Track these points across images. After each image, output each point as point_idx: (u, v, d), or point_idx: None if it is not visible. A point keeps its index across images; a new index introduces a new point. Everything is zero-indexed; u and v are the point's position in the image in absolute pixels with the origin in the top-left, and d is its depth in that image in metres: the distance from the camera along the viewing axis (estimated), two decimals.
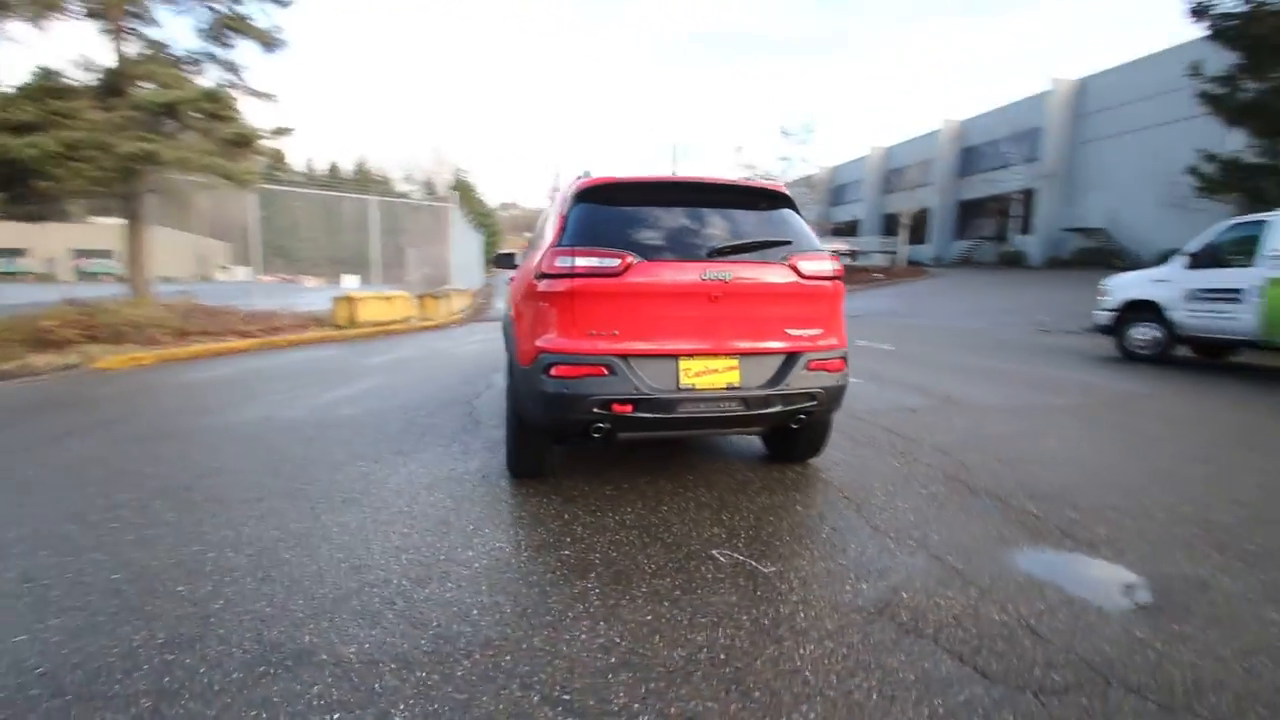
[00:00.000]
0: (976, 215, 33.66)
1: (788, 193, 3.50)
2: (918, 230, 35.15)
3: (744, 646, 2.10)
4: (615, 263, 2.96)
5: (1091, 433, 4.92)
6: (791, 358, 3.18)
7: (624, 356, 2.98)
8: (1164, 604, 2.40)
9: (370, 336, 11.17)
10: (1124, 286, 9.49)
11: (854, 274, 27.05)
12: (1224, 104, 13.68)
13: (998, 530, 3.05)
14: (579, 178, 3.72)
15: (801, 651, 2.08)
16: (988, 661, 2.04)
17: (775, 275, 3.16)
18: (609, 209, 3.19)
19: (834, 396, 3.28)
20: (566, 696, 1.84)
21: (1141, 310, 9.09)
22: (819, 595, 2.44)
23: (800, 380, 3.16)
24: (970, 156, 33.90)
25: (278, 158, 12.36)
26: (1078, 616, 2.31)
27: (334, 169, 72.62)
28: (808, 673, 1.97)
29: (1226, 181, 13.25)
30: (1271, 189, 11.98)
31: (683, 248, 3.10)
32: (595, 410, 2.96)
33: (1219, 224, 8.54)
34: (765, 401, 3.11)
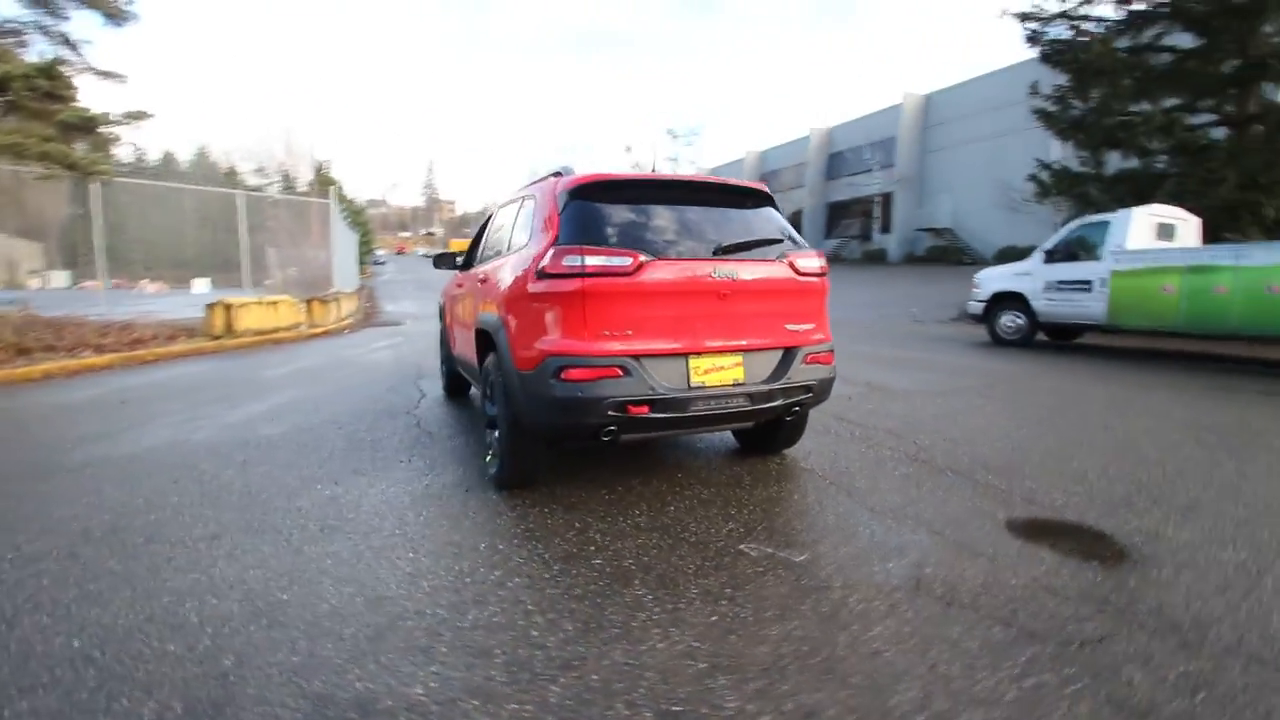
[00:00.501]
0: (843, 216, 36.36)
1: (769, 192, 3.59)
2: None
3: (818, 635, 2.14)
4: (628, 261, 2.90)
5: (1005, 409, 5.49)
6: (789, 352, 3.28)
7: (637, 357, 2.92)
8: (1137, 555, 2.74)
9: (254, 346, 10.11)
10: (992, 279, 10.66)
11: None
12: (1055, 120, 15.70)
13: (975, 503, 3.32)
14: (559, 174, 3.61)
15: (872, 633, 2.15)
16: (1029, 622, 2.22)
17: (776, 272, 3.24)
18: (605, 206, 3.11)
19: (826, 388, 3.42)
20: (678, 708, 1.78)
21: (1008, 300, 10.26)
22: (857, 579, 2.54)
23: (799, 374, 3.27)
24: (837, 161, 36.54)
25: (101, 145, 10.79)
26: (1077, 573, 2.57)
27: (168, 158, 64.63)
28: (889, 653, 2.04)
29: (1059, 187, 15.22)
30: (1096, 194, 13.94)
31: (687, 246, 3.09)
32: (611, 413, 2.89)
33: (1070, 223, 9.84)
34: (768, 396, 3.18)
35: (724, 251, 3.14)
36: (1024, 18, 15.95)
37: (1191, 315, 7.99)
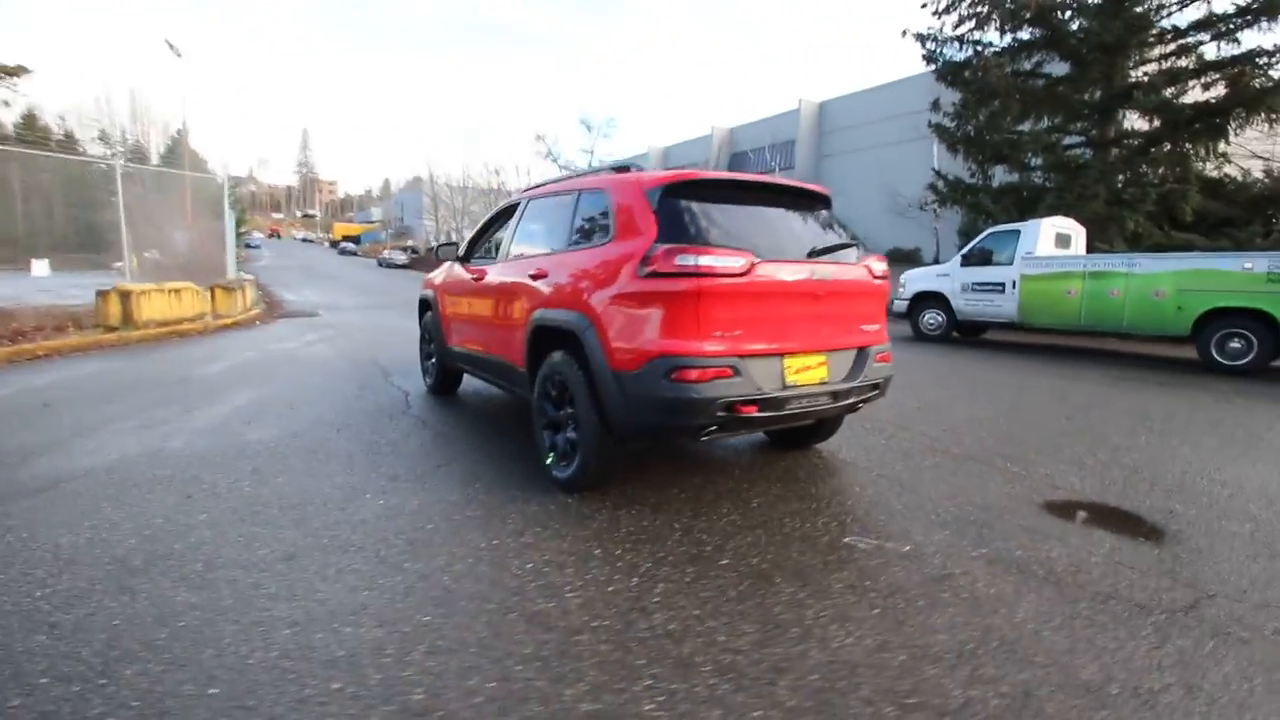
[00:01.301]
0: None
1: (829, 195, 3.73)
2: None
3: (977, 621, 2.28)
4: (741, 262, 2.90)
5: (973, 401, 6.02)
6: (863, 352, 3.43)
7: (743, 357, 2.95)
8: (1168, 531, 3.13)
9: (159, 340, 8.97)
10: (916, 280, 11.56)
11: None
12: (948, 134, 17.23)
13: (1010, 489, 3.65)
14: (623, 169, 3.55)
15: (1019, 616, 2.32)
16: (1131, 594, 2.50)
17: (858, 274, 3.37)
18: (699, 205, 3.10)
19: (887, 386, 3.61)
20: (912, 700, 1.85)
21: (930, 299, 11.18)
22: (967, 566, 2.72)
23: (871, 373, 3.43)
24: (739, 161, 37.79)
25: None
26: (1135, 549, 2.91)
27: None
28: (1047, 633, 2.22)
29: (953, 196, 16.73)
30: (986, 203, 15.46)
31: (781, 248, 3.14)
32: (720, 413, 2.89)
33: (986, 231, 10.86)
34: (847, 394, 3.32)
35: (817, 254, 3.23)
36: (922, 39, 17.38)
37: (1090, 315, 9.11)
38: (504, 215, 4.85)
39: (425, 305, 5.85)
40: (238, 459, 3.88)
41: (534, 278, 3.69)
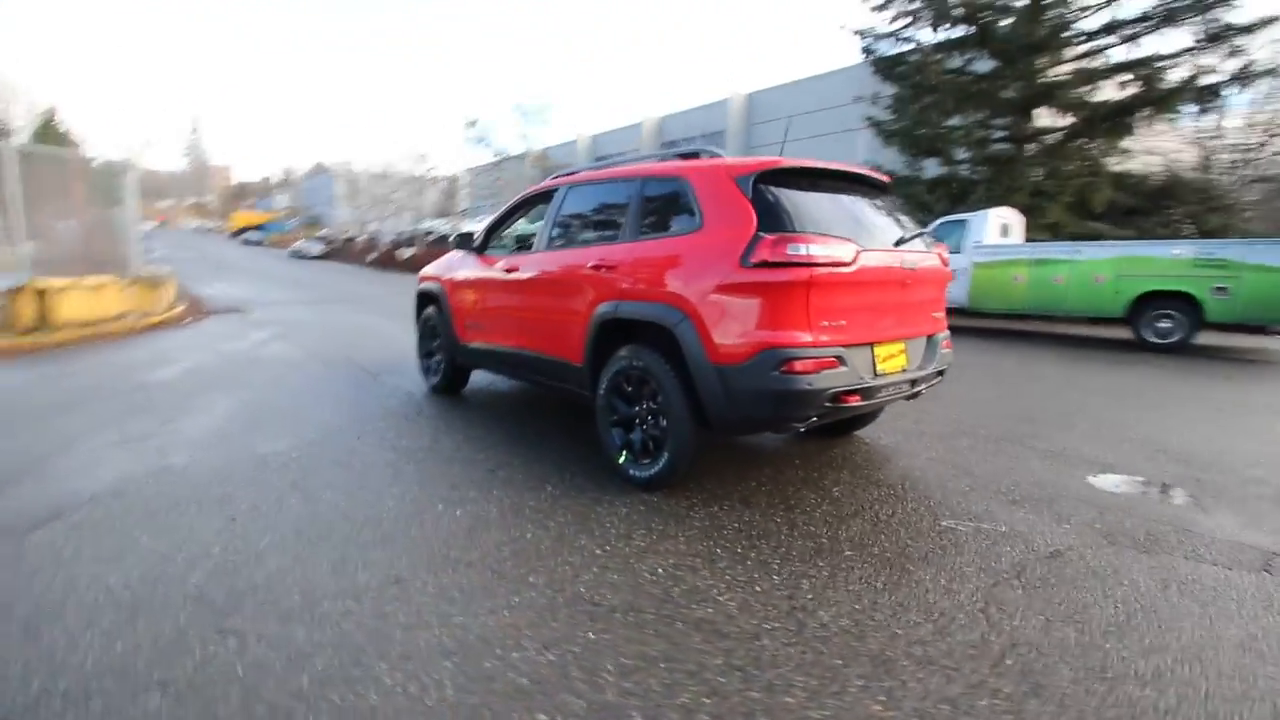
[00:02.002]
0: None
1: (891, 183, 3.77)
2: None
3: (1127, 593, 2.38)
4: (850, 252, 2.88)
5: (963, 382, 6.30)
6: (932, 339, 3.50)
7: (847, 346, 2.93)
8: (1210, 493, 3.39)
9: (84, 343, 8.00)
10: None
11: None
12: (881, 128, 17.96)
13: (1052, 465, 3.84)
14: (694, 155, 3.46)
15: (1144, 589, 2.45)
16: (1214, 555, 2.68)
17: (934, 262, 3.43)
18: (790, 193, 3.04)
19: (947, 371, 3.71)
20: (1110, 674, 1.90)
21: None
22: (1072, 541, 2.83)
23: (940, 359, 3.51)
24: (669, 150, 37.92)
25: None
26: (1191, 510, 3.13)
27: None
28: (1181, 599, 2.35)
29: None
30: (923, 194, 16.24)
31: (867, 236, 3.14)
32: (827, 404, 2.87)
33: (934, 221, 11.39)
34: (921, 380, 3.38)
35: (901, 242, 3.25)
36: (860, 34, 18.02)
37: (1036, 300, 9.77)
38: (530, 204, 4.62)
39: (427, 300, 5.50)
40: (265, 473, 3.51)
41: (597, 268, 3.52)
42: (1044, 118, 15.89)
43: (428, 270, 5.62)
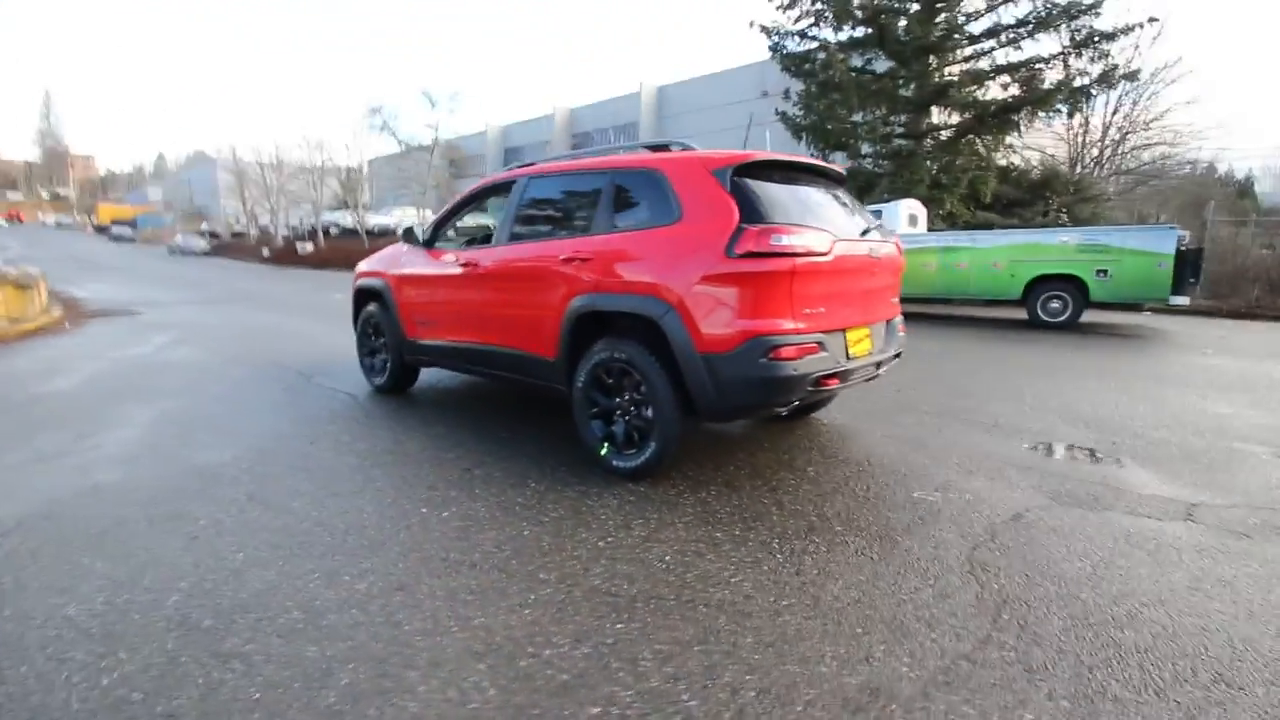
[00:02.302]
0: None
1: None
2: None
3: (1099, 549, 2.64)
4: (826, 241, 2.99)
5: (921, 369, 6.71)
6: (890, 323, 3.71)
7: (826, 332, 3.07)
8: (1116, 455, 3.82)
9: None
10: None
11: None
12: (790, 122, 18.66)
13: (996, 437, 4.18)
14: (665, 148, 3.49)
15: (1128, 538, 2.73)
16: (1165, 510, 3.03)
17: (892, 250, 3.62)
18: (766, 185, 3.12)
19: (901, 352, 3.94)
20: (1117, 624, 2.12)
21: None
22: (1027, 503, 3.10)
23: (896, 342, 3.73)
24: (583, 142, 37.70)
25: None
26: (1127, 473, 3.51)
27: None
28: (1209, 561, 2.64)
29: None
30: None
31: (842, 227, 3.28)
32: (809, 388, 3.00)
33: None
34: (883, 363, 3.58)
35: (866, 232, 3.42)
36: (767, 31, 18.58)
37: (945, 285, 10.52)
38: (481, 196, 4.49)
39: (367, 297, 5.23)
40: (215, 486, 3.24)
41: (569, 261, 3.48)
42: (938, 115, 17.08)
43: (366, 266, 5.34)
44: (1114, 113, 19.18)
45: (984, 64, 16.63)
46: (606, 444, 3.39)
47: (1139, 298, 9.22)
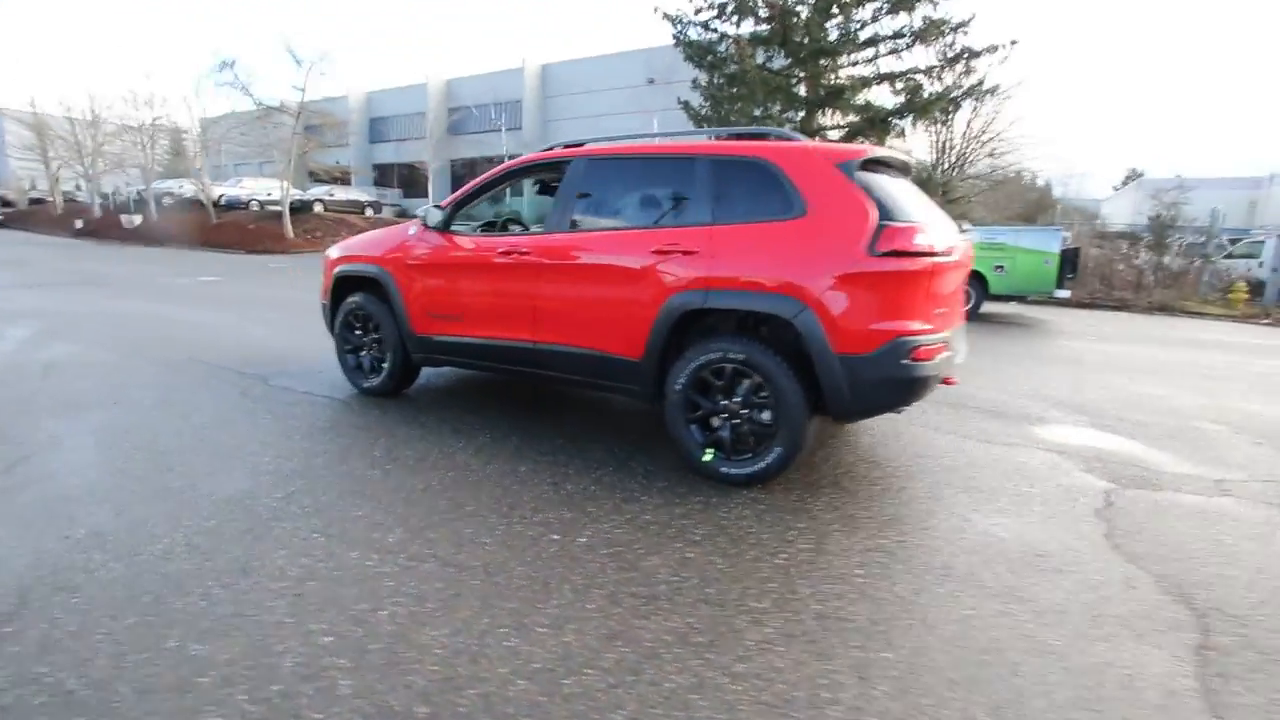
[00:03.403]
0: (472, 175, 36.02)
1: None
2: (414, 184, 35.49)
3: (1185, 528, 2.89)
4: (951, 239, 2.99)
5: None
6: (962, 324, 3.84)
7: (946, 332, 3.08)
8: (1109, 429, 4.27)
9: None
10: None
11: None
12: (693, 112, 18.94)
13: (1000, 422, 4.51)
14: (763, 136, 3.34)
15: (1187, 512, 3.01)
16: (1181, 488, 3.41)
17: (970, 249, 3.71)
18: (885, 181, 3.07)
19: None
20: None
21: None
22: (1095, 485, 3.36)
23: (965, 343, 3.86)
24: (461, 116, 35.72)
25: None
26: (1133, 448, 3.92)
27: None
28: (1209, 512, 2.93)
29: None
30: None
31: (942, 224, 3.29)
32: (935, 387, 3.01)
33: None
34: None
35: (964, 231, 3.47)
36: (671, 19, 18.64)
37: None
38: (515, 177, 4.04)
39: (353, 285, 4.52)
40: (265, 525, 2.62)
41: (663, 254, 3.21)
42: (828, 117, 18.12)
43: (349, 249, 4.63)
44: (969, 122, 21.46)
45: (868, 71, 17.86)
46: (711, 449, 3.19)
47: (1029, 290, 10.42)
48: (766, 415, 3.09)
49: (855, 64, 17.76)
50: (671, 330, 3.20)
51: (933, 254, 2.87)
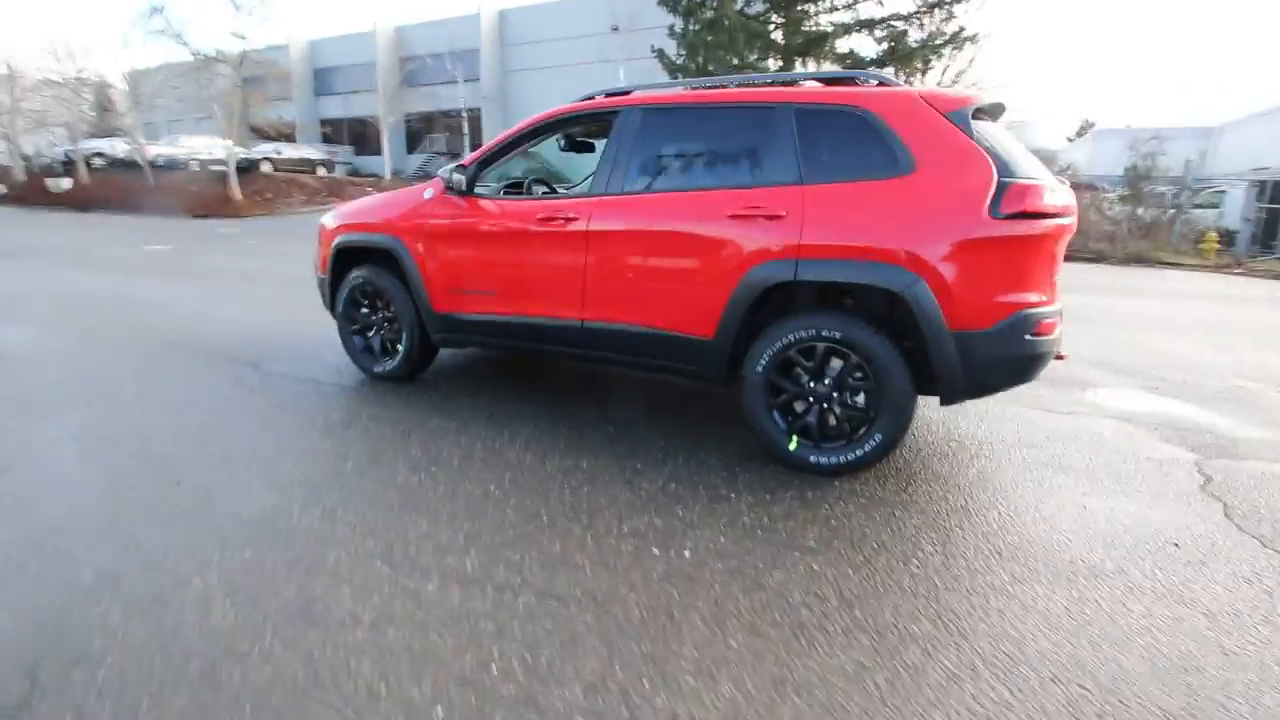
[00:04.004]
0: (429, 131, 34.33)
1: None
2: (366, 141, 33.68)
3: None
4: (1070, 197, 2.67)
5: None
6: None
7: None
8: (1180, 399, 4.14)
9: None
10: None
11: (342, 186, 24.27)
12: (667, 60, 18.13)
13: (1057, 389, 4.32)
14: (849, 80, 2.94)
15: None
16: (1266, 456, 3.28)
17: None
18: (994, 130, 2.72)
19: None
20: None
21: None
22: (1178, 455, 3.19)
23: None
24: (413, 67, 33.71)
25: None
26: (1188, 422, 3.79)
27: None
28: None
29: None
30: None
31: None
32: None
33: None
34: None
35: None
36: None
37: None
38: (549, 131, 3.56)
39: (359, 257, 4.01)
40: (318, 550, 2.22)
41: (743, 219, 2.82)
42: (806, 66, 17.54)
43: (348, 217, 4.09)
44: (944, 70, 21.10)
45: (848, 17, 17.25)
46: (795, 437, 2.88)
47: None
48: (861, 398, 2.79)
49: (834, 9, 17.13)
50: (752, 306, 2.84)
51: (1059, 214, 2.56)
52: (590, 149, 4.34)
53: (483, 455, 3.03)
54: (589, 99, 3.49)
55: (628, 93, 3.40)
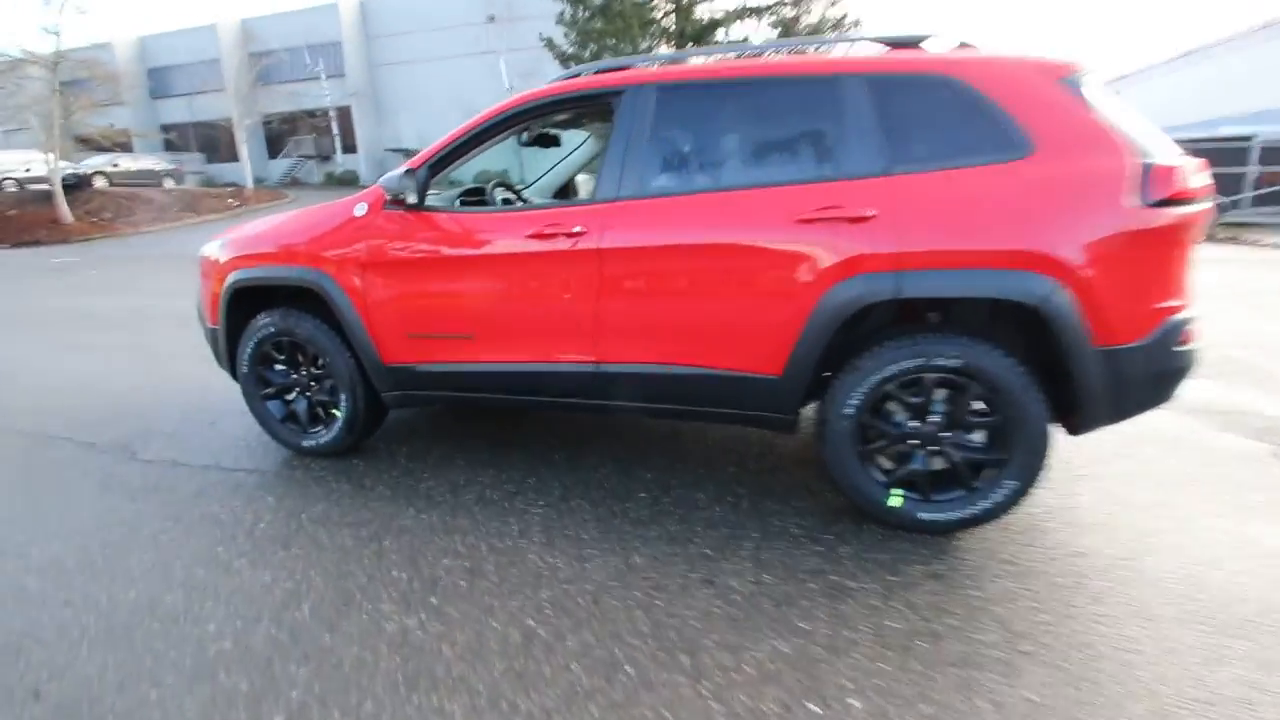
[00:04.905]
0: (292, 132, 31.23)
1: None
2: (218, 147, 30.19)
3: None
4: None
5: None
6: None
7: None
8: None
9: None
10: None
11: (197, 199, 21.37)
12: (557, 50, 17.29)
13: None
14: (912, 44, 2.39)
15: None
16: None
17: None
18: (1109, 97, 2.24)
19: None
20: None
21: None
22: (1246, 449, 2.95)
23: None
24: (269, 63, 30.40)
25: None
26: (1223, 404, 3.63)
27: None
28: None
29: None
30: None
31: None
32: None
33: None
34: None
35: None
36: None
37: None
38: (526, 118, 2.74)
39: (259, 298, 3.01)
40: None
41: (818, 224, 2.18)
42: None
43: (243, 245, 3.06)
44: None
45: (735, 3, 17.13)
46: (897, 491, 2.31)
47: None
48: (977, 435, 2.25)
49: None
50: (836, 333, 2.22)
51: (1203, 198, 2.12)
52: (555, 143, 3.56)
53: (495, 565, 2.22)
54: (573, 78, 2.72)
55: (625, 68, 2.66)
